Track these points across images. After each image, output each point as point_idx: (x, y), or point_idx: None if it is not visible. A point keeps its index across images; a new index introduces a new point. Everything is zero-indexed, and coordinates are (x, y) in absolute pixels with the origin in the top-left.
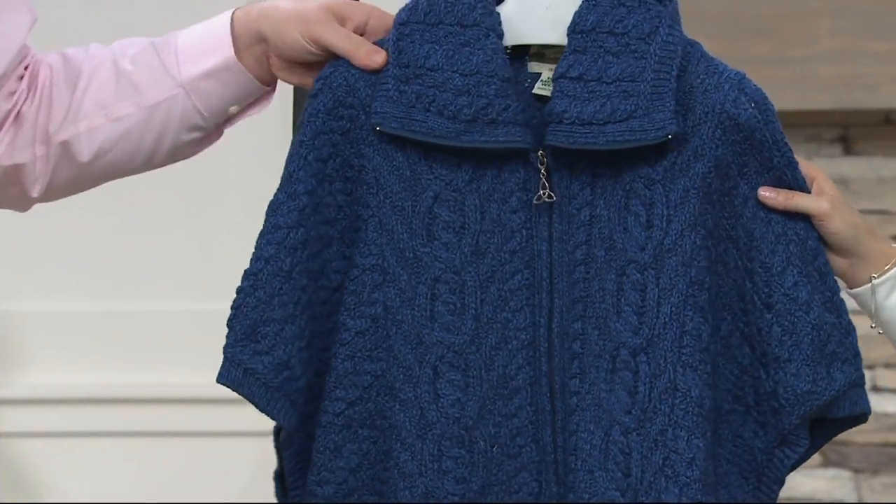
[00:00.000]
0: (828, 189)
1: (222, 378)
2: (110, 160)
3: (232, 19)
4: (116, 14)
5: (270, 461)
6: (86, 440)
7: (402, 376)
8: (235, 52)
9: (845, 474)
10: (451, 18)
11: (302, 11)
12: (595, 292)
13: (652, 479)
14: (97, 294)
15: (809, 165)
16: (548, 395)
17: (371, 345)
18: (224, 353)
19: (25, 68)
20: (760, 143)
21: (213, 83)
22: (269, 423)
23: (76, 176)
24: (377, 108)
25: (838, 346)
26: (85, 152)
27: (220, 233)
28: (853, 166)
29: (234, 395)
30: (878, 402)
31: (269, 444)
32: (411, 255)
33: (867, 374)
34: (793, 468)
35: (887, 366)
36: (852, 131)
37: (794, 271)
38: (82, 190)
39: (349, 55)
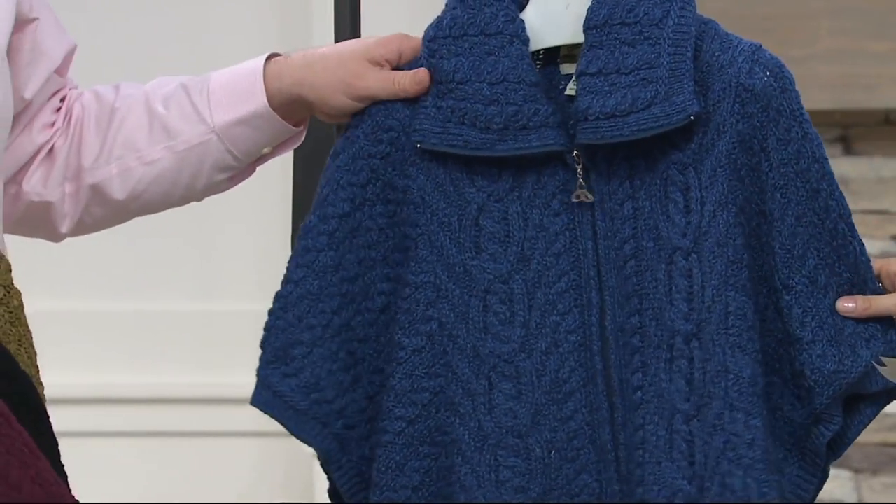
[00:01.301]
0: None
1: (255, 401)
2: (144, 200)
3: (264, 74)
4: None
5: (270, 461)
6: (86, 440)
7: (460, 390)
8: (269, 104)
9: (845, 474)
10: (475, 29)
11: (340, 75)
12: (648, 284)
13: (715, 464)
14: (98, 294)
15: (887, 262)
16: (604, 393)
17: (428, 362)
18: (256, 375)
19: (62, 100)
20: (778, 111)
21: (247, 129)
22: (270, 424)
23: (110, 214)
24: (416, 125)
25: (857, 327)
26: (118, 192)
27: (226, 235)
28: (853, 166)
29: (235, 395)
30: None
31: (269, 444)
32: (461, 269)
33: None
34: (847, 443)
35: None
36: (852, 131)
37: (815, 254)
38: (115, 224)
39: (400, 95)
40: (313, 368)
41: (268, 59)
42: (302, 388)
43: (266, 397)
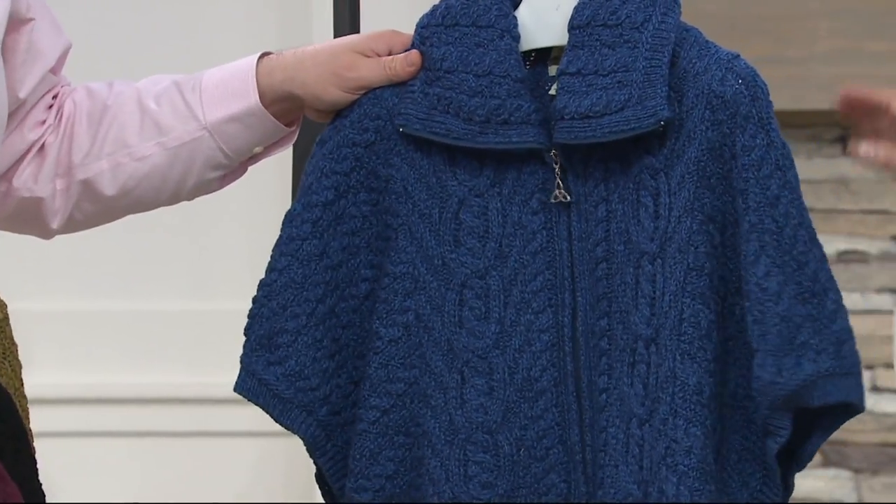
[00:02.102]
0: None
1: (238, 388)
2: (135, 196)
3: (256, 71)
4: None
5: (270, 461)
6: (85, 440)
7: (433, 383)
8: (261, 102)
9: (845, 474)
10: (467, 20)
11: (331, 67)
12: (617, 287)
13: (657, 469)
14: (96, 294)
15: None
16: (574, 394)
17: (404, 352)
18: (240, 362)
19: (54, 98)
20: (746, 118)
21: (238, 126)
22: (268, 424)
23: (101, 210)
24: (402, 109)
25: (811, 338)
26: (109, 188)
27: (221, 233)
28: (853, 166)
29: (234, 395)
30: (877, 402)
31: (269, 444)
32: (440, 261)
33: (867, 374)
34: (806, 456)
35: (887, 366)
36: (852, 131)
37: (767, 261)
38: (106, 222)
39: (393, 80)
40: (298, 357)
41: (260, 57)
42: (287, 377)
43: (250, 385)
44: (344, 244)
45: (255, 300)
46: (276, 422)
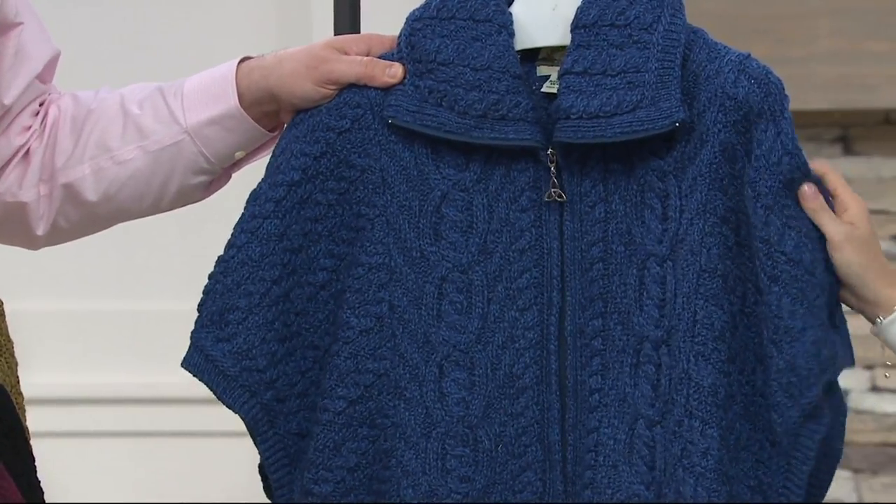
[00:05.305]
0: (857, 220)
1: (185, 363)
2: (118, 202)
3: (236, 73)
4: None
5: None
6: (84, 440)
7: (407, 375)
8: (240, 104)
9: (845, 474)
10: (464, 13)
11: (305, 61)
12: (616, 288)
13: (672, 470)
14: (95, 294)
15: (853, 198)
16: (557, 393)
17: (375, 343)
18: (190, 337)
19: (41, 104)
20: (759, 115)
21: (218, 130)
22: None
23: (84, 217)
24: (391, 101)
25: (837, 306)
26: (91, 193)
27: (220, 233)
28: (853, 166)
29: None
30: (878, 402)
31: None
32: (418, 254)
33: (867, 374)
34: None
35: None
36: (852, 131)
37: (793, 234)
38: (92, 231)
39: (366, 79)
40: (247, 335)
41: (241, 61)
42: (234, 354)
43: (197, 360)
44: (306, 229)
45: (211, 276)
46: (220, 400)
